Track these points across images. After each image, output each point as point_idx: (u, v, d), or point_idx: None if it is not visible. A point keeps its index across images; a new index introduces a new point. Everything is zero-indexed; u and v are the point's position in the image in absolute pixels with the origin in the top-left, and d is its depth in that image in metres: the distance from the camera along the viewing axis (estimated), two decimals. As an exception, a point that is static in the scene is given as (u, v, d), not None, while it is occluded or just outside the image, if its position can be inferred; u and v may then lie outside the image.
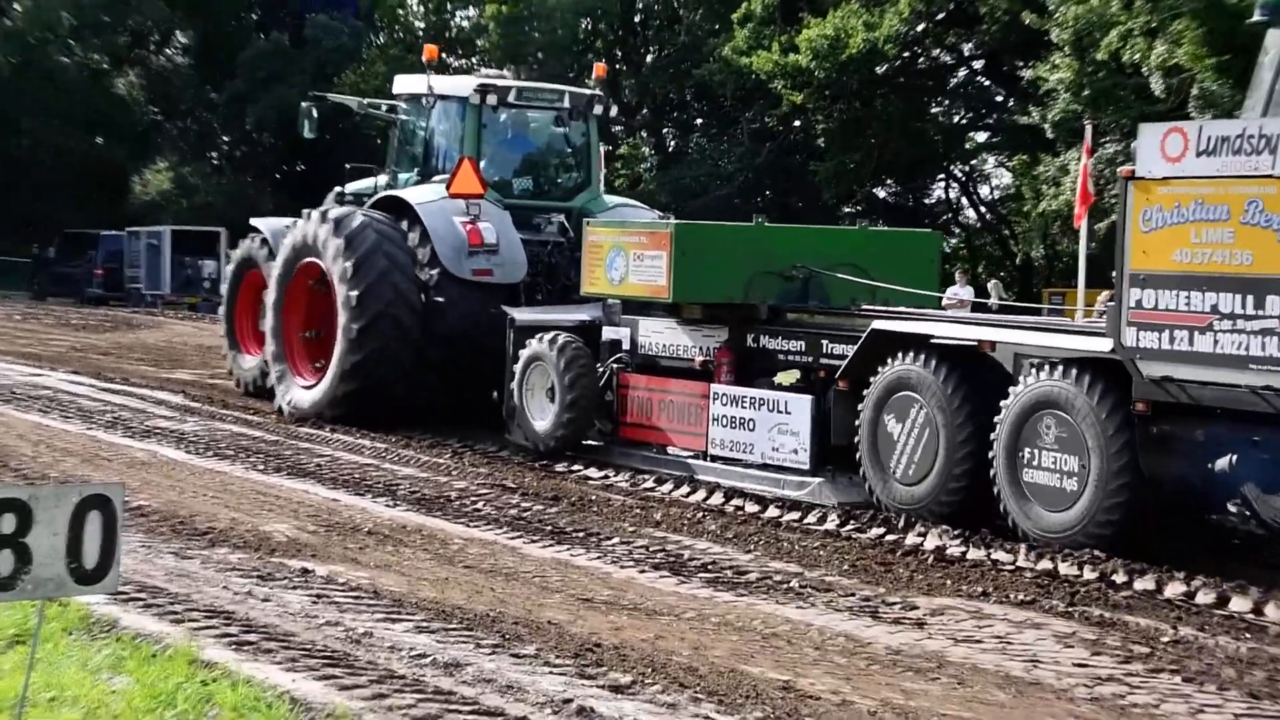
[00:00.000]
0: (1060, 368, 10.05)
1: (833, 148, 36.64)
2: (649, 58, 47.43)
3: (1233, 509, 9.85)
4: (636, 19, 48.59)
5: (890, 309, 12.22)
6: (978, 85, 40.89)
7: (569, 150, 16.90)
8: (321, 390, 15.25)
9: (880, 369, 11.22)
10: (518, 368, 13.71)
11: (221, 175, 52.38)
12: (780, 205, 39.29)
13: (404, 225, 15.25)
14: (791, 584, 8.92)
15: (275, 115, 44.12)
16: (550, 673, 6.79)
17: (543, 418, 13.48)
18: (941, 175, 43.29)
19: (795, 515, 11.03)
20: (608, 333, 13.77)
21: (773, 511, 11.17)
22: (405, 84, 16.86)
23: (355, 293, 14.70)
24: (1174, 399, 9.38)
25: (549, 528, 10.34)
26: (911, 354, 11.03)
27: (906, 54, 37.46)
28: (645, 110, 47.67)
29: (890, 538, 10.34)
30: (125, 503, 5.63)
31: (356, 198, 16.73)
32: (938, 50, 39.78)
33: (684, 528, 10.64)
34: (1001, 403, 10.31)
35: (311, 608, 7.69)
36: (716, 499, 11.62)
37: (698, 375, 12.95)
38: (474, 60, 51.73)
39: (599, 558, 9.50)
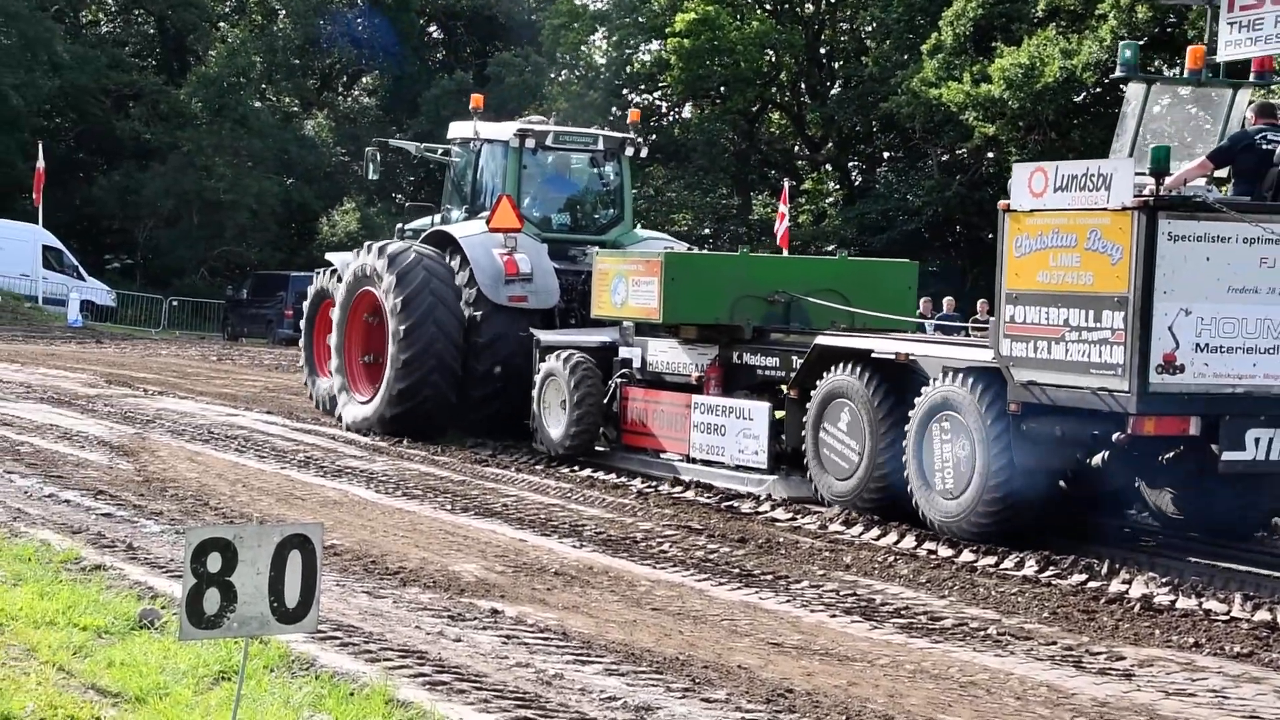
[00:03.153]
0: (956, 375, 11.41)
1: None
2: (834, 90, 47.19)
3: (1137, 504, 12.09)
4: (822, 51, 48.42)
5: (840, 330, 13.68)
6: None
7: (604, 188, 18.39)
8: (373, 408, 17.00)
9: (820, 380, 12.75)
10: (537, 383, 15.49)
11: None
12: (972, 240, 38.62)
13: (449, 257, 16.89)
14: (989, 631, 8.66)
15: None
16: (742, 718, 6.68)
17: (557, 426, 15.22)
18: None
19: (991, 560, 10.74)
20: (623, 352, 15.35)
21: (967, 556, 10.88)
22: (457, 130, 18.43)
23: (403, 327, 16.39)
24: (1038, 400, 10.80)
25: (736, 570, 10.21)
26: (846, 366, 12.52)
27: (1106, 81, 36.59)
28: (830, 144, 47.40)
29: (1093, 585, 9.99)
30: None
31: (416, 234, 18.20)
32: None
33: (875, 571, 10.43)
34: (911, 408, 11.76)
35: (502, 648, 7.68)
36: (908, 542, 11.38)
37: (687, 388, 14.56)
38: (654, 96, 52.15)
39: (788, 601, 9.34)
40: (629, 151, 18.01)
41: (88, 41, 53.47)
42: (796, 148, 50.40)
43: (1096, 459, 10.74)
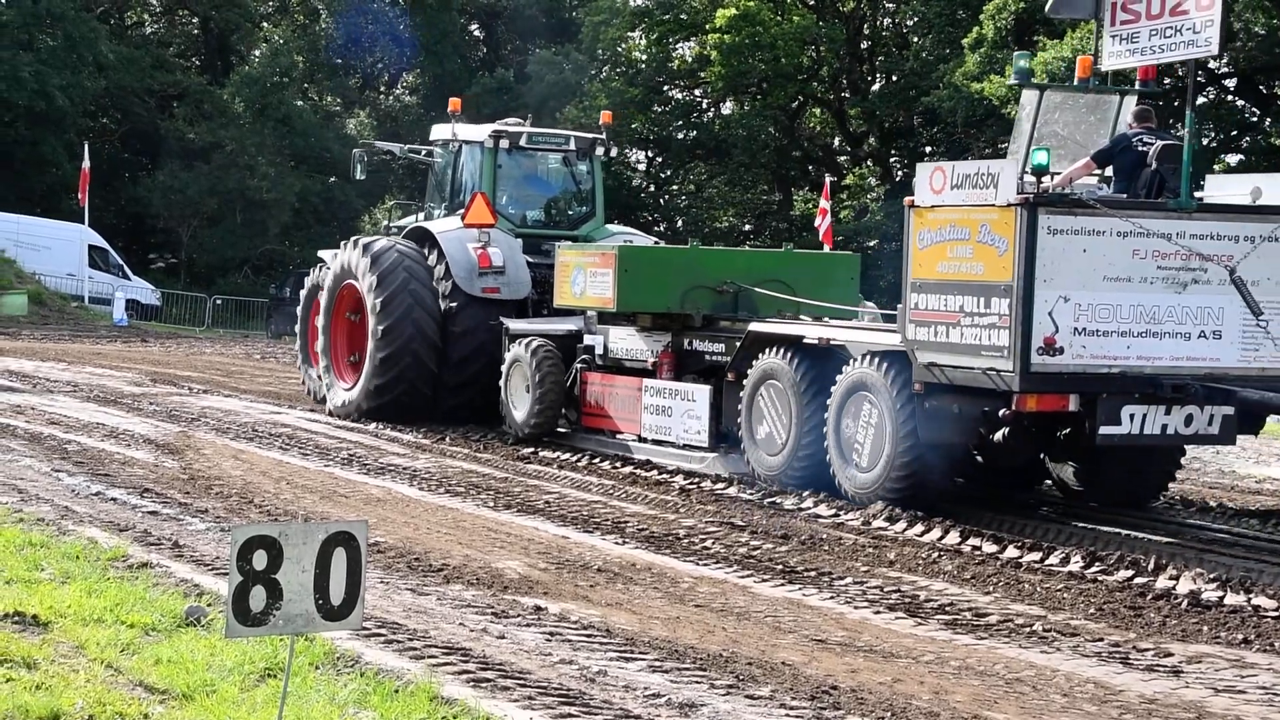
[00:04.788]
0: (870, 358, 12.47)
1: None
2: (875, 85, 46.98)
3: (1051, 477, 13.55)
4: (863, 45, 48.21)
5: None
6: (1229, 106, 39.33)
7: (576, 186, 19.39)
8: (352, 396, 18.08)
9: (754, 363, 13.73)
10: (504, 368, 16.59)
11: (448, 212, 53.66)
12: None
13: (428, 251, 17.88)
14: (1035, 627, 8.61)
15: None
16: (786, 715, 6.66)
17: (521, 409, 16.33)
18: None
19: (1036, 556, 10.68)
20: (587, 339, 16.35)
21: (1012, 552, 10.82)
22: (438, 132, 19.41)
23: (382, 326, 17.41)
24: (938, 380, 11.77)
25: (780, 567, 10.18)
26: (776, 350, 13.53)
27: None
28: (871, 139, 47.21)
29: (1139, 581, 9.92)
30: (368, 543, 5.68)
31: (401, 230, 19.20)
32: (1184, 69, 38.40)
33: (919, 568, 10.38)
34: (832, 387, 12.81)
35: (545, 645, 7.69)
36: (952, 538, 11.33)
37: (642, 373, 15.50)
38: (695, 93, 52.06)
39: (832, 598, 9.31)
40: (599, 151, 18.99)
41: (132, 42, 53.90)
42: (837, 143, 50.23)
43: (998, 435, 11.83)
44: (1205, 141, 39.76)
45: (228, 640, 6.65)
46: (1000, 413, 11.40)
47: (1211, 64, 39.04)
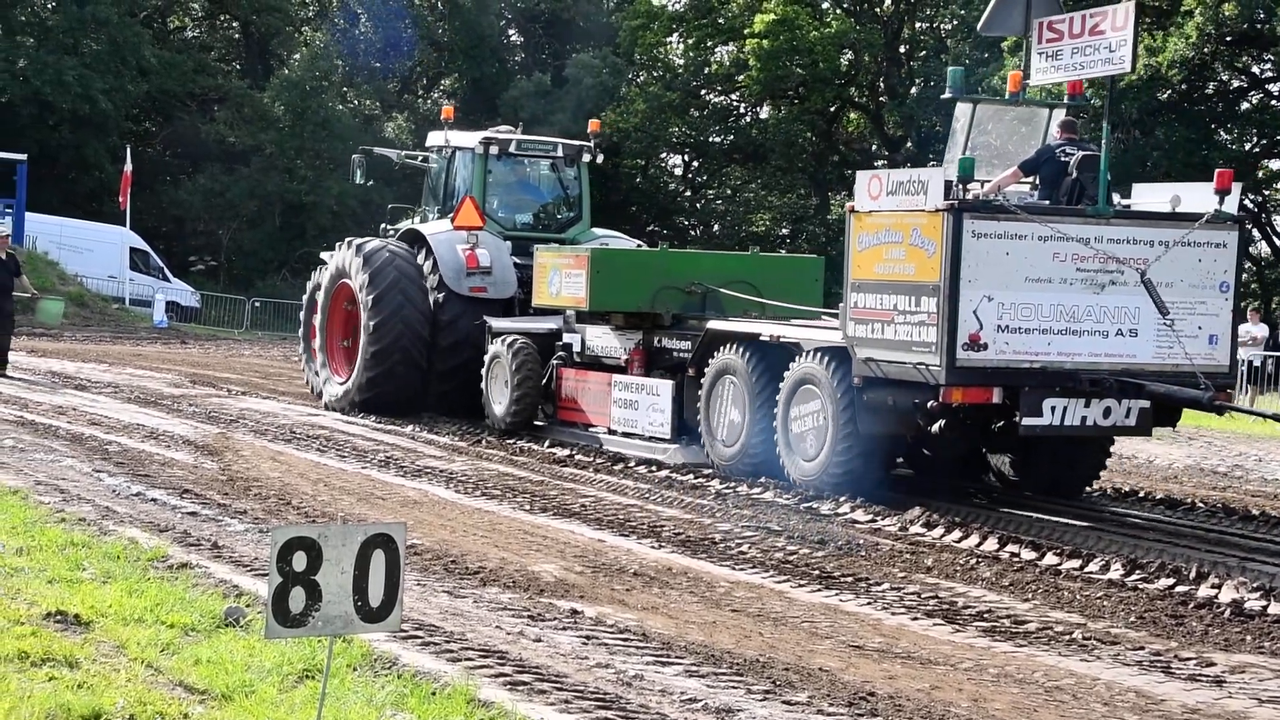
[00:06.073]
0: (814, 354, 13.30)
1: (1111, 178, 35.45)
2: (914, 89, 46.84)
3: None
4: (901, 50, 48.06)
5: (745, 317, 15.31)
6: (1272, 110, 39.01)
7: (563, 191, 20.16)
8: (346, 389, 18.85)
9: (712, 359, 14.54)
10: (485, 364, 17.36)
11: (485, 215, 53.76)
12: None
13: (419, 253, 18.65)
14: (1074, 635, 8.55)
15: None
16: (824, 722, 6.63)
17: (500, 403, 17.15)
18: (1230, 206, 41.37)
19: (1075, 563, 10.61)
20: (566, 337, 17.07)
21: (1051, 559, 10.76)
22: (433, 139, 20.27)
23: (373, 322, 18.16)
24: (875, 374, 12.54)
25: (816, 572, 10.15)
26: (731, 347, 14.38)
27: (1192, 78, 35.94)
28: (909, 143, 47.07)
29: (1181, 589, 9.84)
30: (407, 545, 5.69)
31: (397, 233, 19.87)
32: (1227, 74, 38.06)
33: (956, 574, 10.33)
34: (780, 382, 13.59)
35: (582, 649, 7.69)
36: (990, 544, 11.27)
37: (615, 369, 16.24)
38: (732, 97, 51.97)
39: (869, 603, 9.27)
40: (586, 158, 19.79)
41: (174, 46, 54.24)
42: (875, 147, 50.10)
43: (935, 427, 12.48)
44: (1247, 146, 39.50)
45: (266, 641, 6.68)
46: (929, 404, 12.10)
47: (1255, 69, 38.81)
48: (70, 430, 15.70)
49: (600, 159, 20.08)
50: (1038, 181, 13.14)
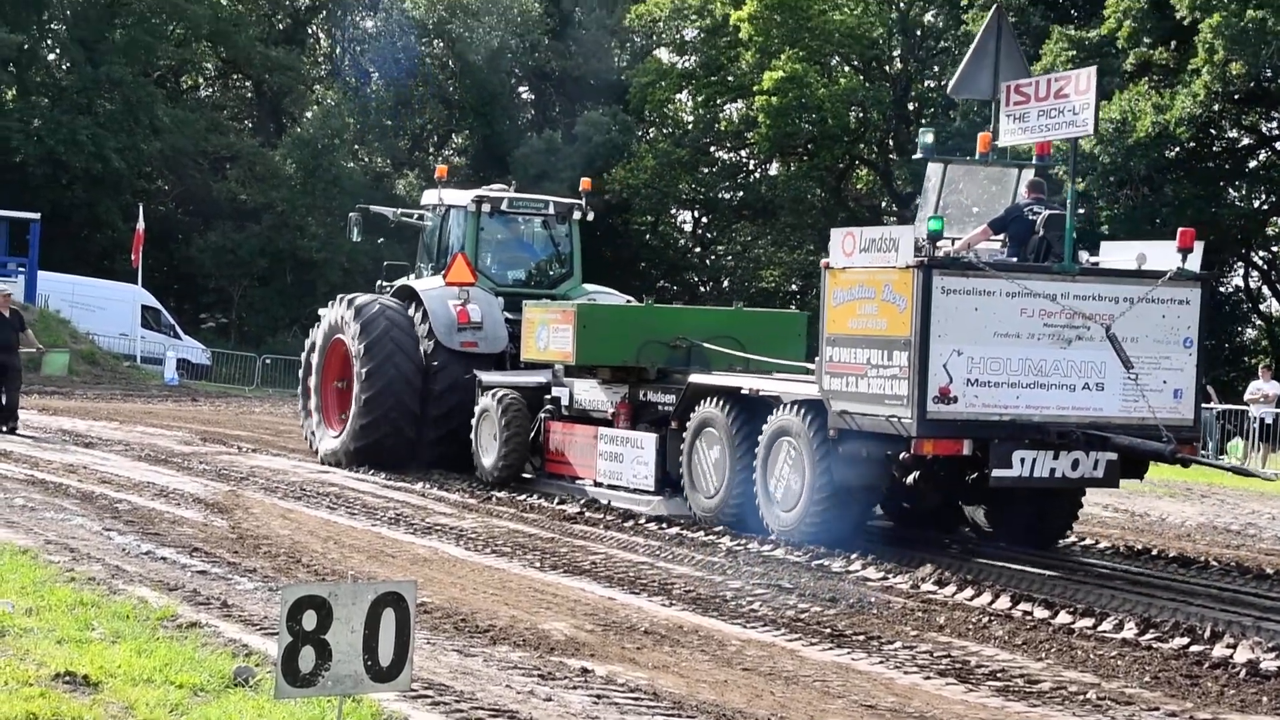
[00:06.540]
0: (792, 406, 13.59)
1: (1118, 235, 35.54)
2: (921, 147, 46.95)
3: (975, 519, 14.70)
4: (910, 106, 48.28)
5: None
6: (1280, 168, 39.07)
7: (554, 248, 20.47)
8: (340, 441, 19.11)
9: (693, 412, 14.87)
10: (474, 418, 17.69)
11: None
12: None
13: (412, 309, 19.00)
14: (1088, 695, 8.48)
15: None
16: (837, 784, 6.57)
17: (489, 456, 17.48)
18: (1239, 263, 41.39)
19: (1089, 622, 10.53)
20: (555, 391, 17.36)
21: (1064, 617, 10.69)
22: (427, 197, 20.58)
23: (366, 369, 18.49)
24: (849, 427, 12.83)
25: (828, 630, 10.10)
26: (712, 400, 14.67)
27: (1200, 135, 36.04)
28: (918, 200, 47.18)
29: (1195, 649, 9.75)
30: (417, 605, 5.66)
31: (393, 290, 20.23)
32: (1235, 131, 38.18)
33: (969, 632, 10.27)
34: (759, 435, 13.91)
35: (592, 708, 7.64)
36: (1003, 603, 11.20)
37: (602, 422, 16.55)
38: (741, 153, 52.20)
39: (881, 662, 9.22)
40: (577, 216, 20.09)
41: (188, 105, 54.64)
42: (884, 203, 50.26)
43: (910, 479, 12.89)
44: (1256, 203, 39.58)
45: (276, 701, 6.65)
46: (900, 456, 12.48)
47: (1263, 127, 38.94)
48: (80, 488, 15.71)
49: (591, 216, 20.43)
50: (1006, 239, 13.47)
